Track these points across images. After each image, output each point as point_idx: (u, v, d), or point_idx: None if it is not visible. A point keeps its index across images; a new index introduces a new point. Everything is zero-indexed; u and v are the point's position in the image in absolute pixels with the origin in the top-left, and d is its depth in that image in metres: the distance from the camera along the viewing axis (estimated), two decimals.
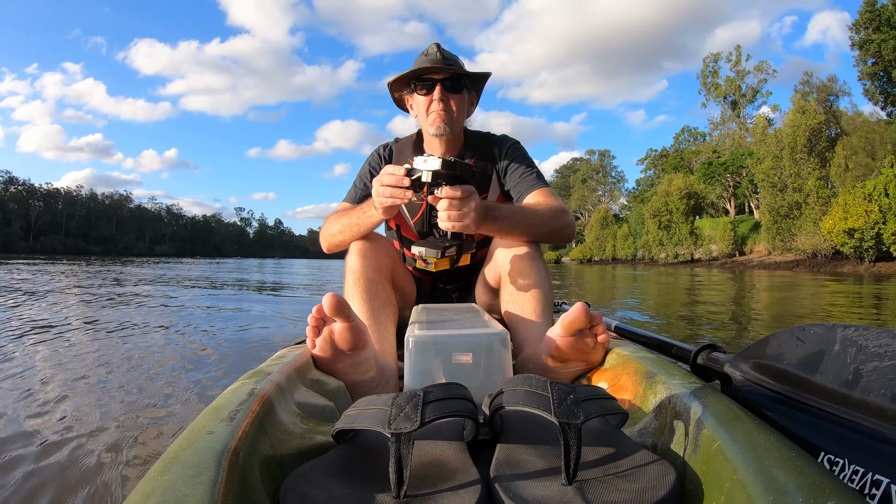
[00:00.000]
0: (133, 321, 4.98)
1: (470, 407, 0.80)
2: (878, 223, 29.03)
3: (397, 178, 1.34)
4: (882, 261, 29.62)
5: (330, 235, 1.73)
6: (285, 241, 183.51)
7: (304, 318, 1.20)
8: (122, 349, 3.51)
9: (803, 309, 7.80)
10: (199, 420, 0.78)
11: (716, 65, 67.20)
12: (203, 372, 2.91)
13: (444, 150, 1.82)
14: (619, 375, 1.17)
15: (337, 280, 13.40)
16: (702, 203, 55.95)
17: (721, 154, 62.48)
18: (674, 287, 13.71)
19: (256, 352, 3.51)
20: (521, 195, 1.76)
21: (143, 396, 2.36)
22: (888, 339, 0.83)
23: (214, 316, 5.75)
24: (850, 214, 30.09)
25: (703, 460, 0.72)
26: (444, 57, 1.73)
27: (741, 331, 5.15)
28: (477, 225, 1.38)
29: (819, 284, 14.77)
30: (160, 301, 7.19)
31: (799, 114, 38.73)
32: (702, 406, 0.82)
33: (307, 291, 10.29)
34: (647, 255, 58.63)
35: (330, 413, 1.09)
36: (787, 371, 0.99)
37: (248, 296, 8.85)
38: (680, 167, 70.69)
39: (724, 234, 47.43)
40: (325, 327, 1.18)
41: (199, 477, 0.60)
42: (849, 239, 30.49)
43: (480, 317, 1.38)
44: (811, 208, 36.39)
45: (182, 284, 10.89)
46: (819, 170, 36.90)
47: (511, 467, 0.76)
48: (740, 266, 38.99)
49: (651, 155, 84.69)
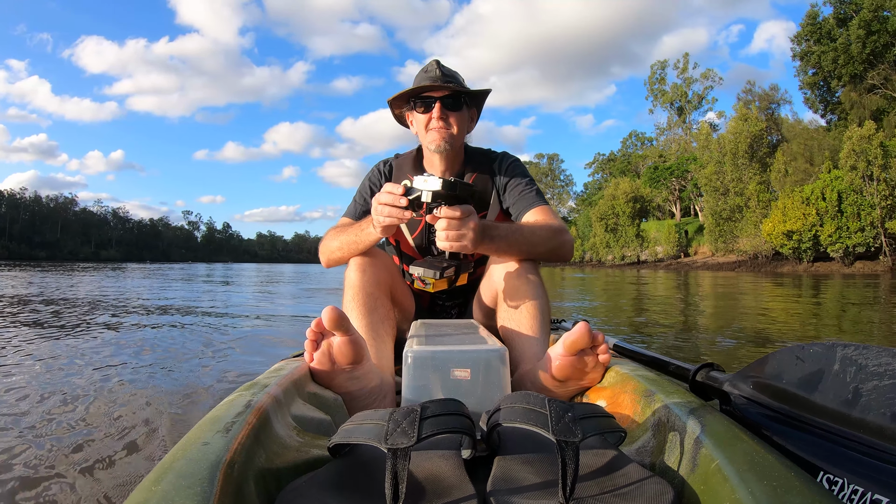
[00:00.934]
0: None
1: (467, 423, 0.79)
2: (815, 226, 31.54)
3: (395, 198, 1.34)
4: (819, 261, 32.30)
5: (329, 251, 1.73)
6: (234, 245, 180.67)
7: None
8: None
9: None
10: (195, 431, 0.78)
11: (663, 72, 70.76)
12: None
13: (444, 167, 1.82)
14: (617, 393, 1.17)
15: (284, 293, 12.82)
16: (648, 206, 58.52)
17: (667, 158, 65.35)
18: (620, 287, 15.02)
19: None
20: (520, 213, 1.76)
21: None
22: (888, 357, 0.83)
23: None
24: (789, 217, 32.60)
25: (701, 479, 0.72)
26: (443, 74, 1.74)
27: (689, 323, 5.63)
28: (475, 245, 1.38)
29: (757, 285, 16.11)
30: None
31: (741, 121, 41.57)
32: (700, 425, 0.81)
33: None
34: (595, 257, 60.94)
35: (326, 427, 1.09)
36: (787, 390, 0.98)
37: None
38: (627, 171, 73.33)
39: (669, 236, 49.62)
40: (324, 341, 1.18)
41: (193, 488, 0.60)
42: (787, 241, 33.03)
43: (479, 333, 1.37)
44: (752, 211, 38.78)
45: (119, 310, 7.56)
46: (760, 175, 39.57)
47: (508, 484, 0.76)
48: (685, 267, 41.91)
49: (599, 159, 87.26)
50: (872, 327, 6.16)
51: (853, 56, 39.11)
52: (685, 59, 68.89)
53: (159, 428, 2.16)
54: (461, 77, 1.82)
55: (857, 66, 39.36)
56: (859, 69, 39.38)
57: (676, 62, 70.56)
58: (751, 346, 4.65)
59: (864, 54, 38.58)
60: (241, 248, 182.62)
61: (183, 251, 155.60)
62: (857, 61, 39.09)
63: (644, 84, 73.98)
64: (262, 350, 4.32)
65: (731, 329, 5.96)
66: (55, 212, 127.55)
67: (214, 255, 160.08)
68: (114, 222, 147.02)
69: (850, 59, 39.37)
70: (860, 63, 39.06)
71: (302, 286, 15.34)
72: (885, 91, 38.70)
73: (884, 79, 38.83)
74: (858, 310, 8.32)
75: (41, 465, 1.78)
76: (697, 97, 68.20)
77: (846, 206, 30.89)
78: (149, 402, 2.55)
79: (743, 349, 4.56)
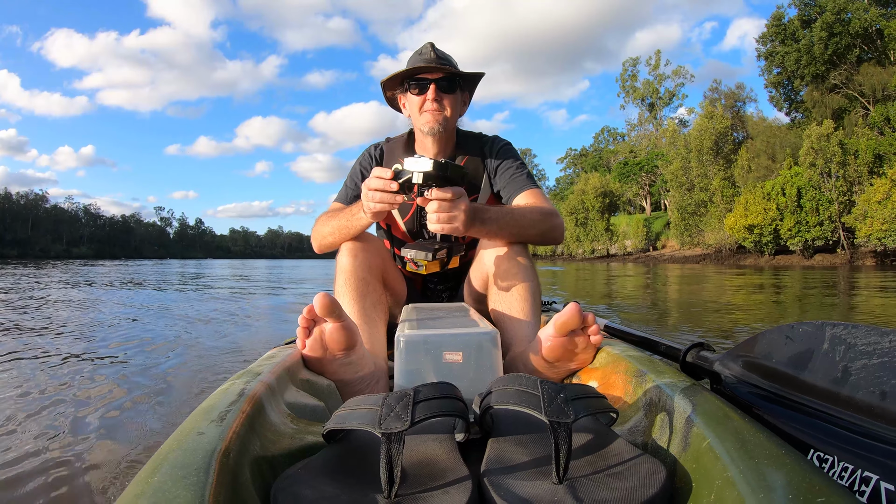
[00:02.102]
0: None
1: (460, 406, 0.80)
2: (776, 220, 33.47)
3: (385, 183, 1.33)
4: (781, 254, 34.29)
5: (321, 237, 1.72)
6: (207, 241, 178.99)
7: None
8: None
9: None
10: (189, 421, 0.78)
11: (635, 68, 72.10)
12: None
13: (436, 150, 1.82)
14: (609, 374, 1.18)
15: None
16: (617, 201, 60.33)
17: (638, 154, 66.75)
18: (593, 278, 16.00)
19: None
20: (510, 196, 1.76)
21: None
22: (876, 336, 0.84)
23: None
24: (751, 212, 34.43)
25: (693, 458, 0.73)
26: (438, 56, 1.73)
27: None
28: (466, 227, 1.38)
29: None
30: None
31: (706, 119, 43.57)
32: (691, 404, 0.82)
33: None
34: (566, 250, 62.26)
35: (320, 413, 1.09)
36: (777, 369, 0.99)
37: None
38: (598, 166, 75.15)
39: (638, 230, 51.22)
40: (316, 328, 1.17)
41: (190, 478, 0.60)
42: (749, 234, 34.91)
43: (471, 316, 1.38)
44: (716, 206, 40.95)
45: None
46: (724, 171, 41.63)
47: (502, 466, 0.76)
48: (653, 260, 43.52)
49: (571, 154, 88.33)
50: (833, 310, 6.56)
51: (816, 57, 40.86)
52: (657, 56, 70.64)
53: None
54: (455, 60, 1.80)
55: (819, 67, 41.18)
56: (821, 69, 41.22)
57: (648, 59, 72.02)
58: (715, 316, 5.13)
59: (825, 55, 40.41)
60: (214, 243, 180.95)
61: (156, 247, 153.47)
62: (820, 62, 40.90)
63: (616, 80, 75.41)
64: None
65: (699, 309, 6.47)
66: (26, 209, 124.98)
67: (187, 252, 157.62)
68: (85, 219, 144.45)
69: (813, 59, 41.14)
70: (822, 64, 40.90)
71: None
72: (847, 90, 40.42)
73: (845, 79, 40.54)
74: (819, 296, 8.75)
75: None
76: (669, 94, 69.71)
77: (805, 201, 32.62)
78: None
79: (708, 319, 5.00)
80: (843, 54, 40.35)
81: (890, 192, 27.49)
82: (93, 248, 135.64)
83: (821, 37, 39.81)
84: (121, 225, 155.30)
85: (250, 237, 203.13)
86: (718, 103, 47.08)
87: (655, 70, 70.35)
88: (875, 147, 31.19)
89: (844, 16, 39.61)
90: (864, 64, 39.07)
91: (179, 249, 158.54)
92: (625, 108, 76.56)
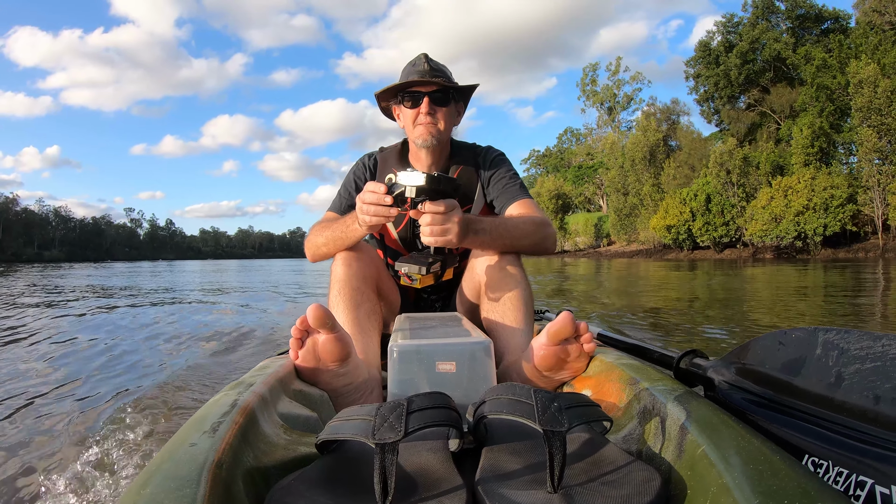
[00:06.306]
0: None
1: (454, 416, 0.79)
2: (689, 221, 39.95)
3: (379, 197, 1.33)
4: (698, 250, 40.92)
5: (315, 247, 1.71)
6: (178, 242, 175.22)
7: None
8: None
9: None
10: (182, 432, 0.77)
11: (594, 73, 75.73)
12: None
13: (430, 161, 1.82)
14: (602, 382, 1.17)
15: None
16: (570, 202, 66.05)
17: (595, 156, 71.60)
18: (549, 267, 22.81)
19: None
20: (503, 206, 1.76)
21: None
22: (869, 341, 0.84)
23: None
24: (670, 214, 41.03)
25: (687, 465, 0.73)
26: (431, 68, 1.73)
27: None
28: (459, 239, 1.38)
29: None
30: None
31: (641, 133, 50.01)
32: (685, 411, 0.82)
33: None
34: None
35: (314, 424, 1.08)
36: (770, 375, 1.00)
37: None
38: (560, 167, 79.72)
39: (587, 228, 58.96)
40: (309, 338, 1.17)
41: (182, 490, 0.59)
42: (668, 233, 41.52)
43: (463, 326, 1.38)
44: (646, 209, 47.18)
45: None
46: (654, 178, 47.72)
47: (496, 475, 0.76)
48: (599, 255, 50.84)
49: (534, 155, 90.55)
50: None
51: (731, 80, 48.61)
52: (617, 62, 73.71)
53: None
54: (449, 71, 1.81)
55: (734, 90, 49.25)
56: (735, 91, 49.43)
57: (609, 64, 75.70)
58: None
59: (739, 79, 48.07)
60: (184, 244, 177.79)
61: (127, 249, 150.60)
62: (735, 85, 48.71)
63: (576, 84, 78.51)
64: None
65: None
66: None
67: (158, 253, 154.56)
68: (56, 222, 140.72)
69: (729, 83, 48.91)
70: (737, 87, 48.81)
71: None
72: (760, 108, 47.65)
73: (755, 99, 48.02)
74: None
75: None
76: (627, 98, 73.07)
77: (713, 205, 39.04)
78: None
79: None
80: (755, 79, 47.93)
81: (770, 200, 33.77)
82: (64, 251, 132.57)
83: (735, 63, 47.52)
84: (91, 227, 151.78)
85: (221, 237, 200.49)
86: (653, 118, 53.44)
87: (615, 76, 73.57)
88: (774, 159, 37.64)
89: (759, 45, 47.11)
90: (776, 85, 45.86)
91: (151, 251, 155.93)
92: (585, 112, 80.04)
